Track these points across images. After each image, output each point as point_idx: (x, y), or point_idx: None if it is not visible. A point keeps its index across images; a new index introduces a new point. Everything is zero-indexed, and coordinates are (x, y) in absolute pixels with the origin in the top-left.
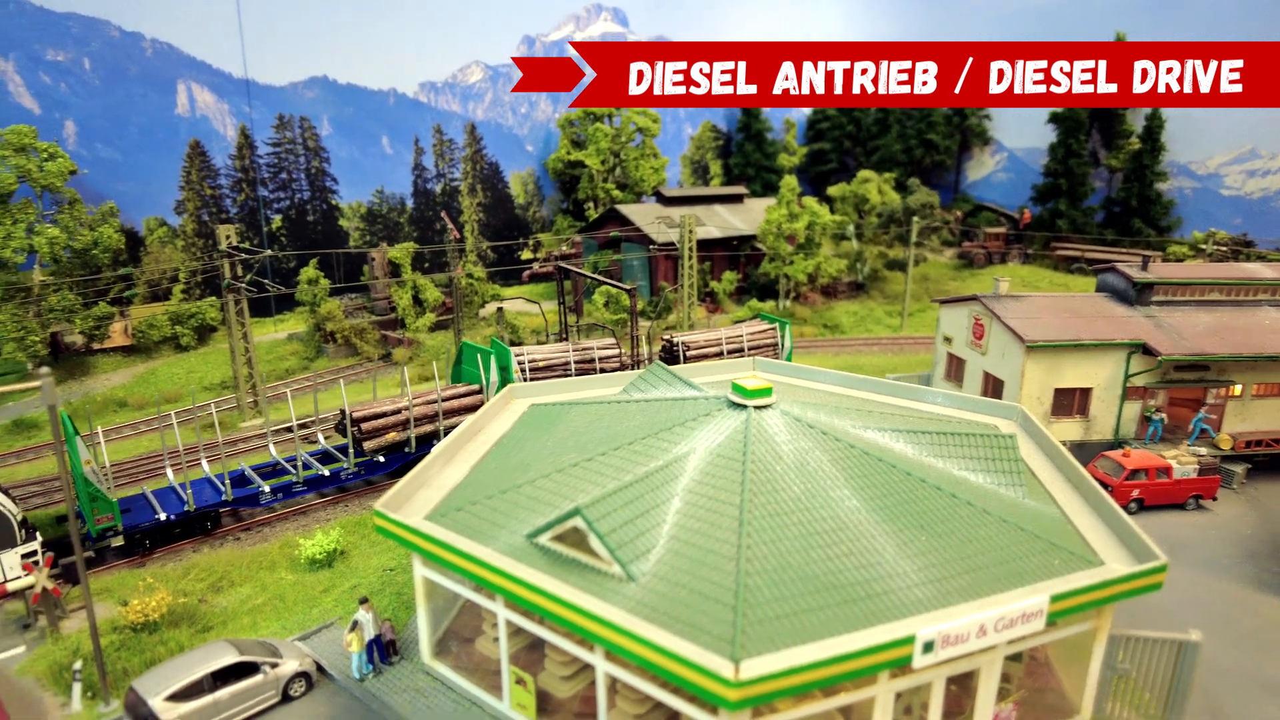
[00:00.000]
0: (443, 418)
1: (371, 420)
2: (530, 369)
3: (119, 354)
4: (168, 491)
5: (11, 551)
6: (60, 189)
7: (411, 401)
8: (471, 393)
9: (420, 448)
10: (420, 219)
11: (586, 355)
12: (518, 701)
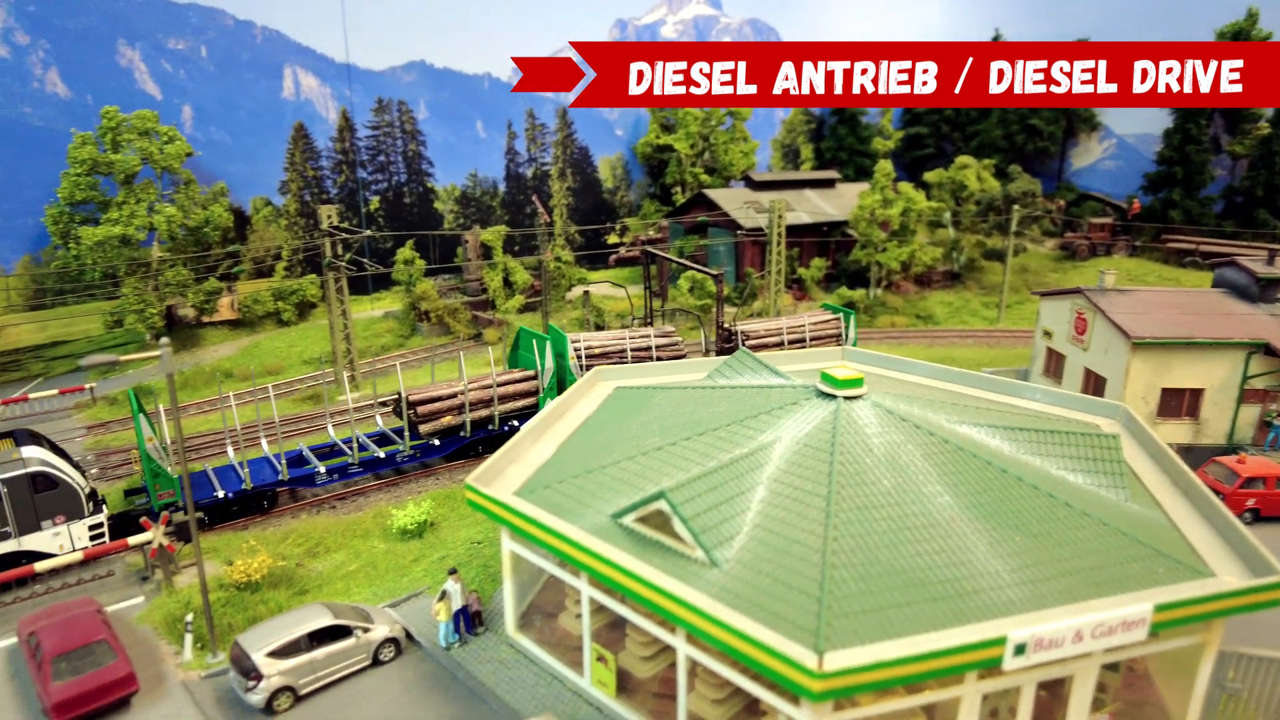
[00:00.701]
0: (498, 403)
1: (428, 404)
2: (586, 356)
3: (226, 327)
4: (228, 469)
5: (79, 523)
6: (177, 170)
7: (467, 386)
8: (527, 378)
9: (475, 432)
10: (511, 202)
11: (642, 343)
12: (598, 678)
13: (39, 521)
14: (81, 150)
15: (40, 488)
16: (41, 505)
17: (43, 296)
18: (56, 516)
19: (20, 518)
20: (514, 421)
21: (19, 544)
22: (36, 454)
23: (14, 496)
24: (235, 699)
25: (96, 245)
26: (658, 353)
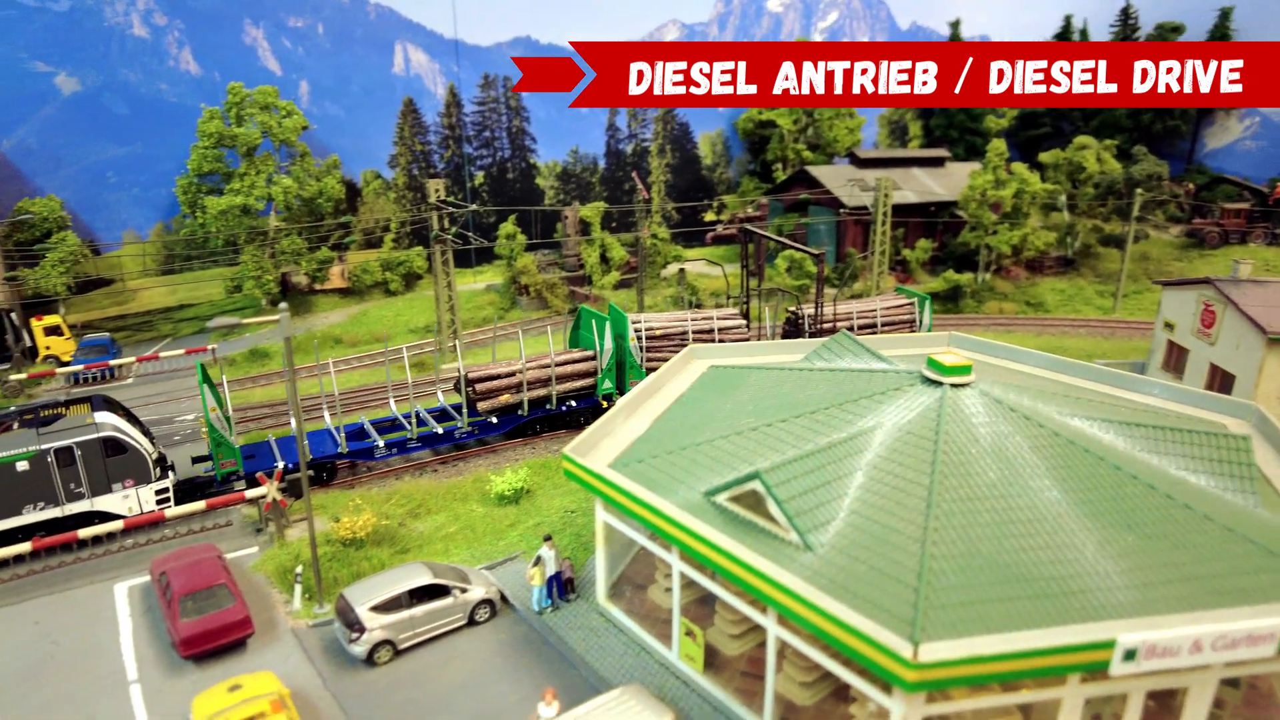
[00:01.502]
0: (555, 382)
1: (486, 381)
2: (647, 337)
3: (336, 295)
4: (291, 441)
5: (147, 487)
6: (294, 143)
7: (525, 365)
8: (586, 359)
9: (532, 411)
10: (611, 179)
11: (706, 325)
12: (686, 653)
13: (110, 484)
14: (209, 124)
15: (111, 452)
16: (112, 469)
17: (172, 262)
18: (126, 480)
19: (93, 479)
20: (571, 402)
21: (91, 504)
22: (109, 420)
23: (87, 459)
24: (339, 649)
25: (220, 214)
26: (720, 335)
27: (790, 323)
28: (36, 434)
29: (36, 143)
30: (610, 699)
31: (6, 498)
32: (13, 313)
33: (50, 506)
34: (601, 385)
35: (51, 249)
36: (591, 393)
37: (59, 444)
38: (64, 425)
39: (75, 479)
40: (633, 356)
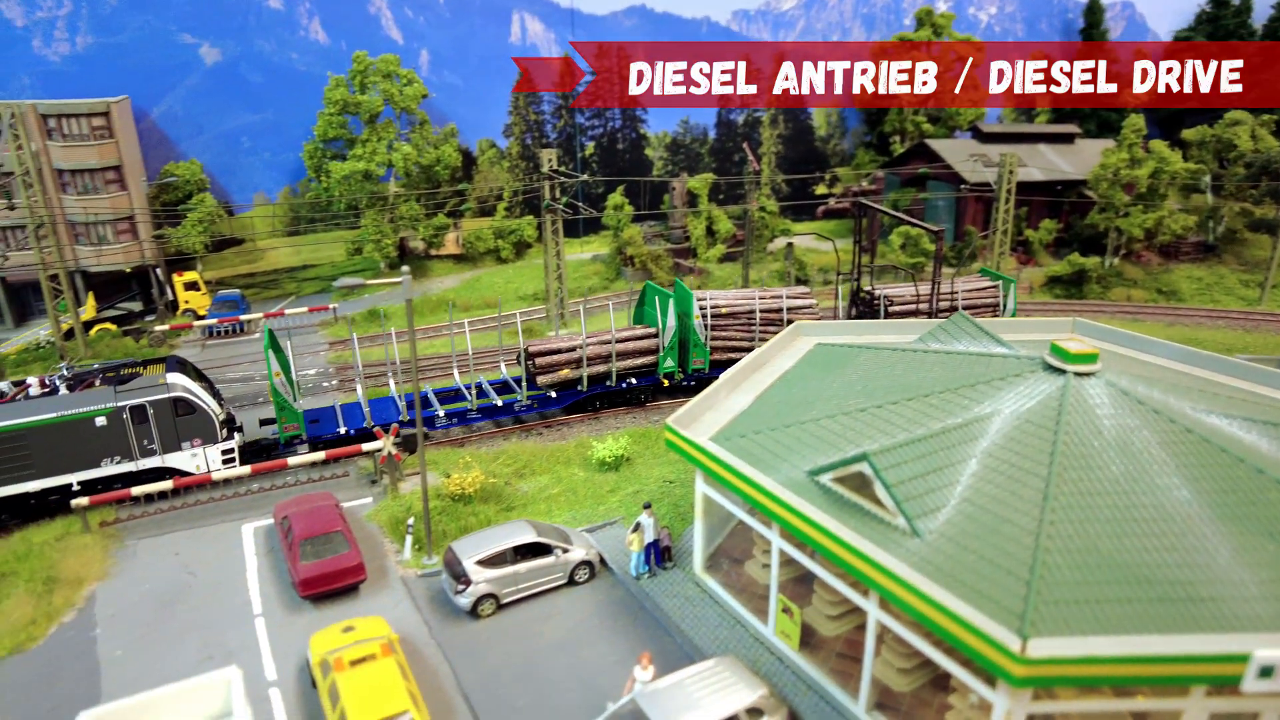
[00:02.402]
0: (615, 359)
1: (546, 356)
2: (712, 315)
3: (450, 261)
4: (355, 407)
5: (214, 447)
6: (414, 111)
7: (586, 340)
8: (648, 336)
9: (592, 387)
10: (720, 150)
11: (774, 304)
12: (782, 629)
13: (179, 442)
14: (334, 92)
15: (181, 412)
16: (182, 428)
17: (298, 224)
18: (194, 439)
19: (164, 437)
20: (632, 379)
21: (163, 460)
22: (180, 381)
23: (159, 418)
24: (445, 599)
25: (343, 179)
26: (789, 315)
27: (863, 303)
28: (114, 392)
29: (182, 110)
30: (705, 668)
31: (88, 450)
32: (158, 268)
33: (126, 460)
34: (663, 364)
35: (192, 209)
36: (653, 371)
37: (133, 402)
38: (139, 384)
39: (148, 436)
40: (697, 335)
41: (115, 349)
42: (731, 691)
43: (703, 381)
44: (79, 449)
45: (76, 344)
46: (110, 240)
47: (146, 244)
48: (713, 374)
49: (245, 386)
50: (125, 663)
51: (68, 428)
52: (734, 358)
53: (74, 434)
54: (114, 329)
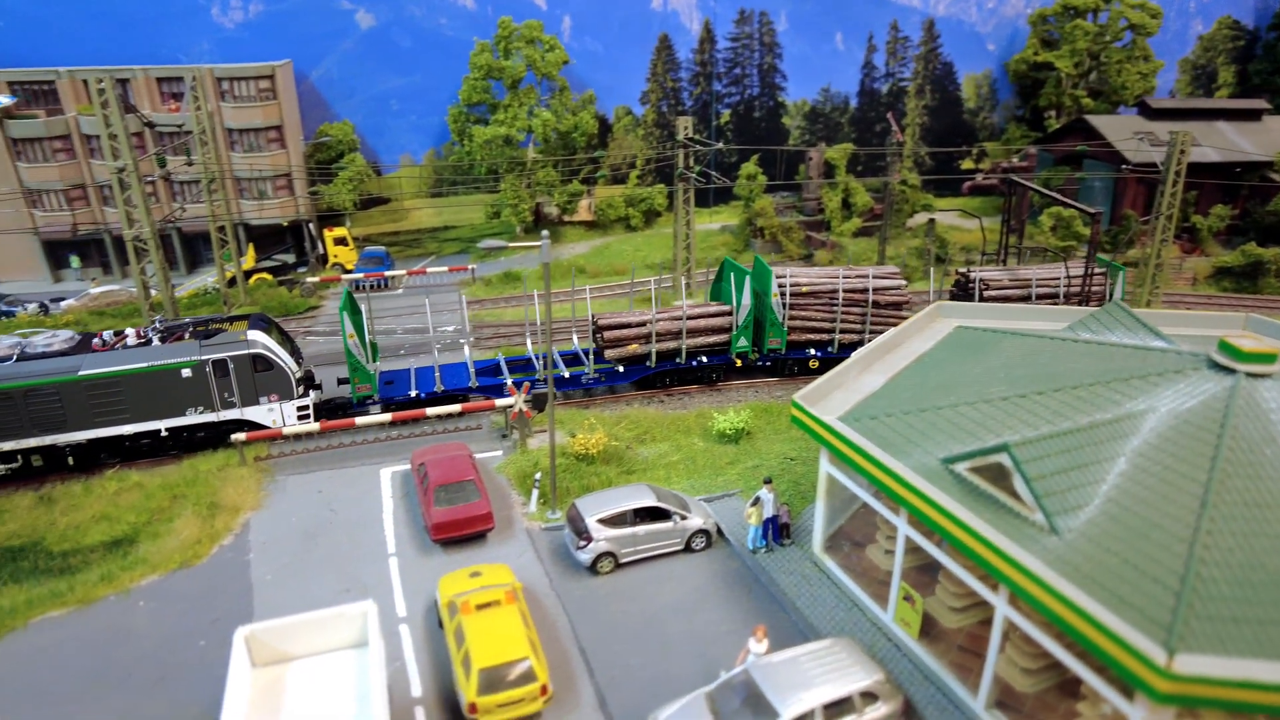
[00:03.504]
0: (685, 336)
1: (615, 330)
2: (791, 294)
3: (582, 227)
4: (429, 370)
5: (289, 403)
6: (555, 77)
7: (656, 316)
8: (722, 313)
9: (660, 364)
10: (861, 120)
11: (859, 284)
12: (902, 616)
13: (257, 396)
14: (479, 57)
15: (259, 368)
16: (260, 383)
17: (440, 186)
18: (271, 395)
19: (243, 391)
20: (703, 357)
21: (241, 413)
22: (260, 339)
23: (238, 372)
24: (566, 553)
25: (485, 143)
26: (875, 295)
27: (959, 285)
28: (199, 346)
29: (337, 73)
30: (822, 647)
31: (174, 399)
32: (311, 223)
33: (208, 411)
34: (736, 343)
35: (343, 168)
36: (725, 350)
37: (215, 356)
38: (222, 340)
39: (228, 389)
40: (774, 314)
41: (271, 297)
42: (847, 673)
43: (778, 363)
44: (166, 397)
45: (238, 291)
46: (270, 195)
47: (301, 200)
48: (790, 355)
49: (385, 340)
50: (273, 587)
51: (157, 377)
52: (813, 339)
53: (162, 383)
54: (270, 279)
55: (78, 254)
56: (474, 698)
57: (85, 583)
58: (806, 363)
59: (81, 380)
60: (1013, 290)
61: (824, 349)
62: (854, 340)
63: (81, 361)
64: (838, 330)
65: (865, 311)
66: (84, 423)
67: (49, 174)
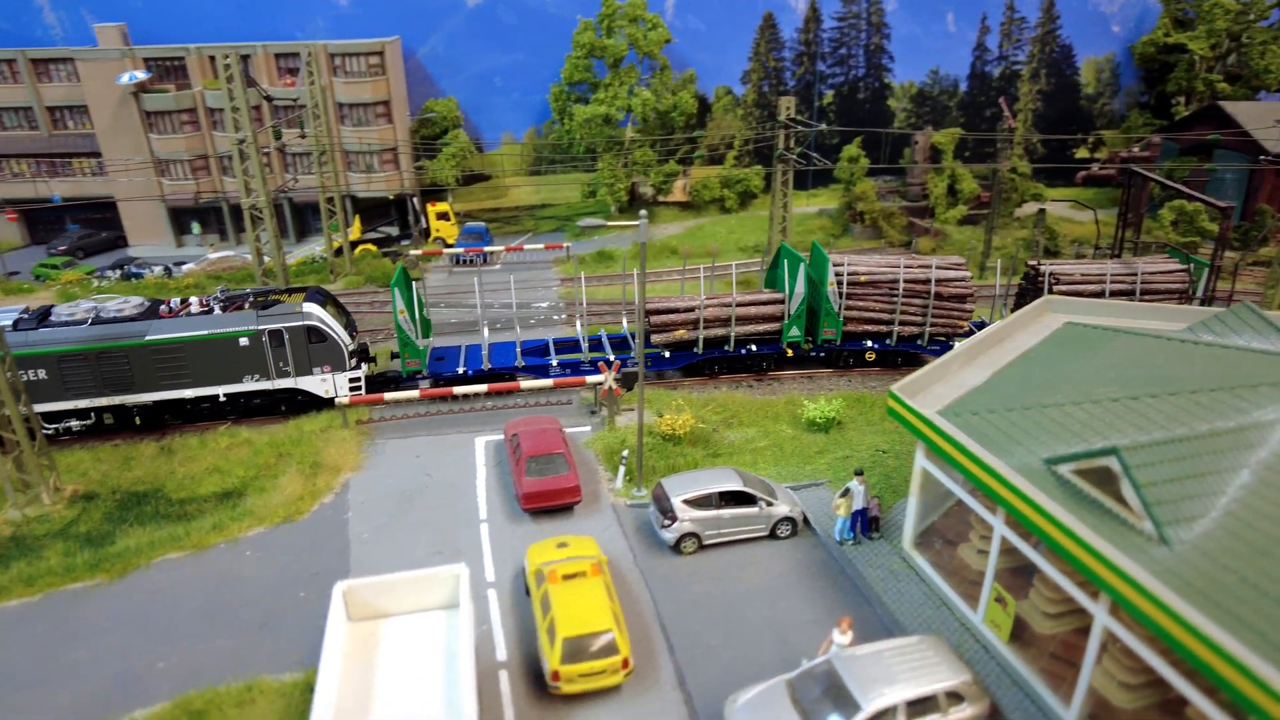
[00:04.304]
0: (735, 324)
1: (662, 315)
2: (849, 283)
3: (676, 208)
4: (477, 349)
5: (341, 374)
6: (656, 56)
7: (704, 302)
8: (773, 301)
9: (708, 350)
10: (971, 104)
11: (921, 275)
12: (992, 618)
13: (311, 367)
14: (583, 35)
15: (313, 339)
16: (314, 354)
17: (539, 164)
18: (324, 366)
19: (297, 361)
20: (752, 346)
21: (295, 382)
22: (315, 311)
23: (293, 343)
24: (649, 531)
25: (584, 122)
26: (937, 286)
27: (1028, 279)
28: (256, 316)
29: (443, 50)
30: (909, 644)
31: (232, 366)
32: (415, 197)
33: (263, 379)
34: (787, 332)
35: (447, 144)
36: (776, 338)
37: (272, 326)
38: (278, 311)
39: (284, 359)
40: (829, 303)
41: (375, 269)
42: (933, 671)
43: (833, 354)
44: (225, 364)
45: (344, 261)
46: (376, 169)
47: (406, 174)
48: (845, 346)
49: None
50: (370, 545)
51: (216, 344)
52: (870, 330)
53: (221, 350)
54: (374, 250)
55: (199, 221)
56: (557, 665)
57: (199, 530)
58: (863, 354)
59: (148, 345)
60: (1085, 286)
61: (881, 341)
62: (913, 333)
63: (149, 327)
64: (897, 322)
65: (927, 303)
66: (149, 385)
67: (176, 145)
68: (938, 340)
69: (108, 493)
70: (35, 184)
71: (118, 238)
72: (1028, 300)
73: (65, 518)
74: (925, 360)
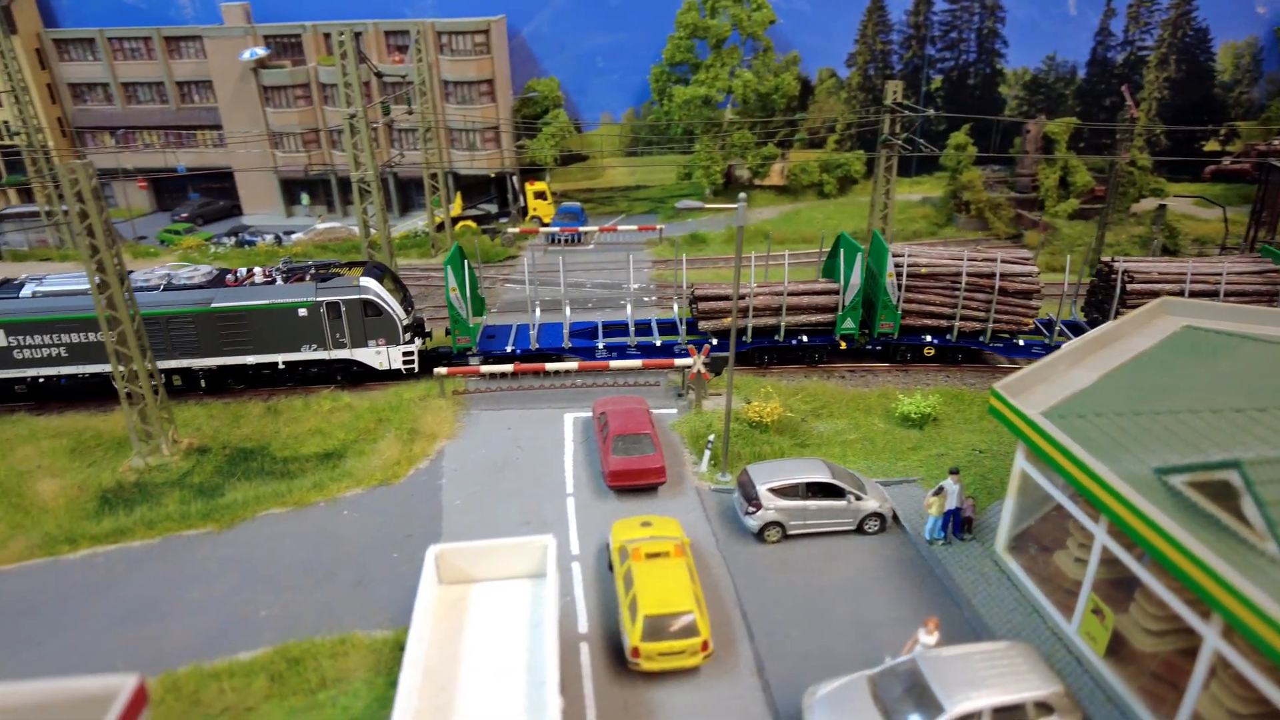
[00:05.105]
0: (785, 313)
1: (710, 301)
2: (909, 275)
3: (772, 192)
4: (526, 329)
5: (395, 348)
6: (760, 37)
7: (755, 290)
8: (826, 291)
9: (757, 339)
10: (1089, 91)
11: (986, 268)
12: (1087, 630)
13: (367, 339)
14: (686, 15)
15: (369, 313)
16: (369, 327)
17: (636, 145)
18: (379, 339)
19: (353, 333)
20: (803, 336)
21: (350, 354)
22: (371, 285)
23: (349, 315)
24: (732, 517)
25: (684, 103)
26: (1002, 281)
27: (1100, 276)
28: (315, 288)
29: (548, 29)
30: (998, 649)
31: (291, 335)
32: (514, 175)
33: (320, 349)
34: (841, 324)
35: (548, 124)
36: (829, 330)
37: (329, 299)
38: (336, 284)
39: (340, 331)
40: (887, 295)
41: (473, 245)
42: (1022, 679)
43: (889, 348)
44: (284, 333)
45: (445, 236)
46: (478, 147)
47: (507, 153)
48: (903, 340)
49: (577, 292)
50: (461, 511)
51: (277, 314)
52: (929, 324)
53: (281, 320)
54: (474, 227)
55: (307, 192)
56: (637, 642)
57: (301, 488)
58: (920, 350)
59: (213, 311)
60: (1162, 285)
61: (942, 336)
62: (976, 329)
63: (215, 295)
64: (958, 317)
65: (991, 298)
66: (214, 350)
67: (289, 118)
68: (1000, 337)
69: (219, 447)
70: (164, 154)
71: (234, 206)
72: (1099, 299)
73: (181, 468)
74: (987, 358)
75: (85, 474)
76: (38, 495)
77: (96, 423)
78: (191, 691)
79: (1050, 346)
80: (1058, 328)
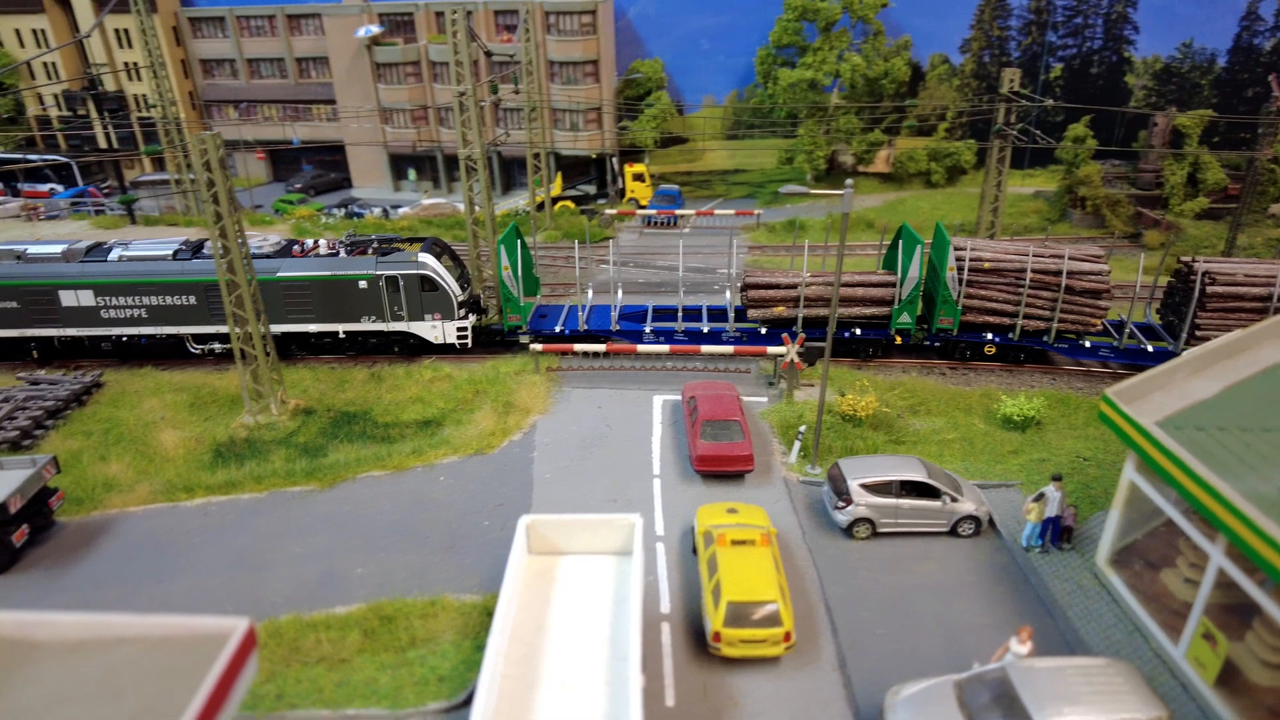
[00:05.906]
0: (838, 305)
1: (761, 289)
2: (970, 270)
3: (877, 179)
4: (576, 310)
5: (450, 323)
6: (871, 20)
7: (807, 279)
8: (883, 284)
9: (807, 330)
10: (1228, 82)
11: (1051, 265)
12: (1196, 655)
13: (423, 314)
14: None
15: (426, 288)
16: (426, 301)
17: (737, 129)
18: (435, 313)
19: (410, 307)
20: (856, 329)
21: (407, 327)
22: (429, 261)
23: (407, 289)
24: (821, 511)
25: (789, 87)
26: (1069, 280)
27: (1178, 277)
28: (375, 262)
29: (654, 10)
30: (1096, 665)
31: (351, 306)
32: (614, 157)
33: (379, 321)
34: (897, 318)
35: (650, 105)
36: (884, 324)
37: (388, 272)
38: (396, 259)
39: (398, 304)
40: (947, 289)
41: (571, 225)
42: (1120, 699)
43: (948, 345)
44: (345, 304)
45: (544, 216)
46: (581, 128)
47: (608, 134)
48: (962, 337)
49: (670, 275)
50: (551, 485)
51: (338, 285)
52: (990, 322)
53: (342, 291)
54: (573, 207)
55: (414, 168)
56: (719, 627)
57: (399, 453)
58: (981, 348)
59: (279, 280)
60: (1246, 288)
61: (1004, 335)
62: (1040, 328)
63: (281, 264)
64: (1021, 315)
65: (1056, 296)
66: (279, 318)
67: (400, 95)
68: (1066, 337)
69: (323, 410)
70: (282, 127)
71: (344, 179)
72: (1176, 300)
73: (288, 428)
74: (1051, 358)
75: (202, 427)
76: (161, 445)
77: (214, 380)
78: (292, 639)
79: (1119, 350)
80: (1128, 330)
